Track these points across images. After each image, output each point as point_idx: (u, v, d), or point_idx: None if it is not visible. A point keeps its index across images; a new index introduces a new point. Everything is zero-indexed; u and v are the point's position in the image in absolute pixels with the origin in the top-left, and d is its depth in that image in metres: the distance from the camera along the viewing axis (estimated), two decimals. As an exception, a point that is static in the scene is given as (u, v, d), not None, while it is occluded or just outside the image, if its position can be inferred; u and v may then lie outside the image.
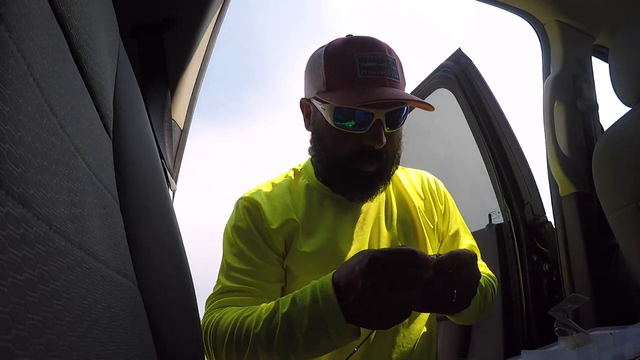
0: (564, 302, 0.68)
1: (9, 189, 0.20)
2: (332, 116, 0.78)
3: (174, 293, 0.49)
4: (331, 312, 0.61)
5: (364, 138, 0.77)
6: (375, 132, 0.76)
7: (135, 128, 0.51)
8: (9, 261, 0.19)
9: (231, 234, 0.85)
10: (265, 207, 0.85)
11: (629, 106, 0.98)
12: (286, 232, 0.83)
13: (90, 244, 0.30)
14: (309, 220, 0.85)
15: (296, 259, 0.83)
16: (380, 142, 0.76)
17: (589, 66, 1.33)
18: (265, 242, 0.83)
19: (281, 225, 0.83)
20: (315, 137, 0.86)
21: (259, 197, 0.86)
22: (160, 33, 0.98)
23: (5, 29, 0.22)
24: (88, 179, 0.34)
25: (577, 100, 1.29)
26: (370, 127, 0.76)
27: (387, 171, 0.84)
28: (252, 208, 0.85)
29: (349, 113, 0.76)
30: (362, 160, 0.79)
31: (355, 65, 0.76)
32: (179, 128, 1.12)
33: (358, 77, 0.75)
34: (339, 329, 0.61)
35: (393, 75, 0.77)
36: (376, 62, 0.76)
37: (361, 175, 0.81)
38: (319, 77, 0.80)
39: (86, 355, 0.25)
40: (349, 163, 0.80)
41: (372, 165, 0.80)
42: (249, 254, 0.82)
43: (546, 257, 1.32)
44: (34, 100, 0.25)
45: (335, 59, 0.78)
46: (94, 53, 0.38)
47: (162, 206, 0.53)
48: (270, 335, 0.66)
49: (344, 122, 0.77)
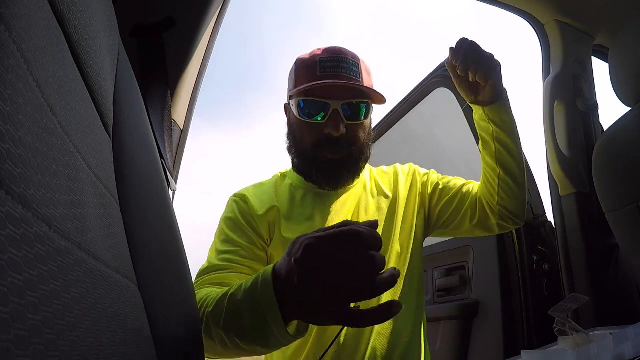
0: (564, 302, 0.68)
1: (9, 189, 0.20)
2: (297, 109, 0.89)
3: (174, 293, 0.49)
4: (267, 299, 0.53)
5: (324, 127, 0.87)
6: (333, 120, 0.86)
7: (135, 128, 0.51)
8: (9, 261, 0.19)
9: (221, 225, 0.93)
10: (252, 199, 0.94)
11: (629, 106, 0.98)
12: (271, 218, 0.92)
13: (90, 244, 0.30)
14: (290, 210, 0.93)
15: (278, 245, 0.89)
16: (337, 129, 0.86)
17: (589, 66, 1.33)
18: (251, 229, 0.90)
19: (266, 212, 0.92)
20: (289, 132, 0.97)
21: (247, 192, 0.97)
22: (160, 33, 0.98)
23: (5, 29, 0.22)
24: (88, 179, 0.34)
25: (577, 100, 1.29)
26: (328, 116, 0.87)
27: (353, 160, 0.92)
28: (241, 201, 0.95)
29: (312, 106, 0.88)
30: (324, 148, 0.89)
31: (317, 66, 0.88)
32: (179, 128, 1.12)
33: (317, 74, 0.87)
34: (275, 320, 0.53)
35: (352, 73, 0.87)
36: (335, 62, 0.88)
37: (326, 162, 0.90)
38: (291, 81, 0.94)
39: (86, 355, 0.25)
40: (315, 151, 0.90)
41: (335, 153, 0.89)
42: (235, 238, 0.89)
43: (546, 257, 1.32)
44: (34, 100, 0.25)
45: (302, 64, 0.92)
46: (94, 53, 0.38)
47: (162, 206, 0.53)
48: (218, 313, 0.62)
49: (308, 114, 0.89)
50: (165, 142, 0.98)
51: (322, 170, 0.91)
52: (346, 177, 0.93)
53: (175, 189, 1.09)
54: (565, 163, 1.26)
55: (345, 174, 0.92)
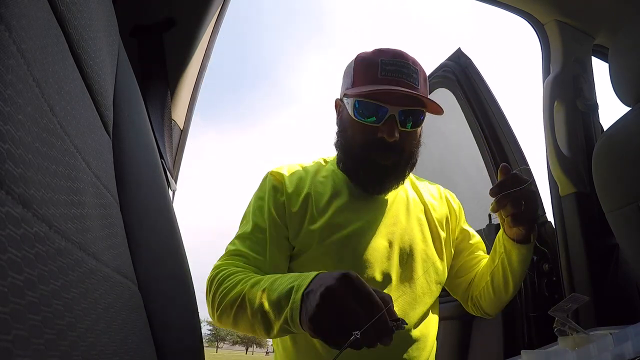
0: (564, 302, 0.68)
1: (9, 189, 0.20)
2: (353, 109, 0.88)
3: (174, 293, 0.49)
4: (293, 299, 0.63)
5: (378, 131, 0.86)
6: (389, 126, 0.85)
7: (135, 128, 0.51)
8: (8, 261, 0.19)
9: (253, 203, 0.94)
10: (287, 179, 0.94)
11: (629, 106, 0.98)
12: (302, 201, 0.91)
13: (90, 244, 0.30)
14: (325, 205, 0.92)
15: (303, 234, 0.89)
16: (392, 135, 0.85)
17: (589, 66, 1.33)
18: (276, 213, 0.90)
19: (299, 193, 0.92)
20: (340, 130, 0.96)
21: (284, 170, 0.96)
22: (160, 33, 0.98)
23: (5, 29, 0.22)
24: (88, 179, 0.34)
25: (577, 100, 1.29)
26: (384, 121, 0.86)
27: (402, 168, 0.92)
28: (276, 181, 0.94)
29: (369, 108, 0.86)
30: (376, 152, 0.88)
31: (378, 67, 0.86)
32: (179, 128, 1.12)
33: (379, 77, 0.86)
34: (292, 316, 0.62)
35: (412, 81, 0.86)
36: (397, 67, 0.86)
37: (376, 166, 0.89)
38: (348, 78, 0.92)
39: (86, 355, 0.25)
40: (365, 153, 0.89)
41: (387, 158, 0.88)
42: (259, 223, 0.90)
43: (546, 257, 1.32)
44: (34, 100, 0.25)
45: (362, 63, 0.90)
46: (93, 53, 0.38)
47: (162, 206, 0.53)
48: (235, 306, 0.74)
49: (364, 116, 0.87)
50: (165, 142, 0.98)
51: (369, 174, 0.91)
52: (392, 182, 0.93)
53: (175, 189, 1.09)
54: (565, 163, 1.26)
55: (392, 179, 0.92)
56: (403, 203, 0.98)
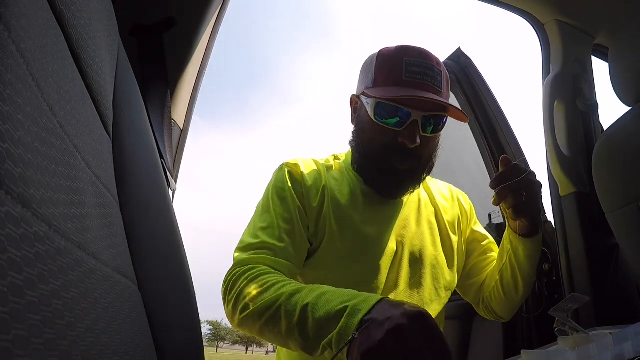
0: (564, 302, 0.68)
1: (9, 188, 0.20)
2: (373, 111, 0.83)
3: (174, 293, 0.49)
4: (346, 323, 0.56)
5: (400, 135, 0.82)
6: (411, 131, 0.81)
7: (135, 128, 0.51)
8: (8, 261, 0.19)
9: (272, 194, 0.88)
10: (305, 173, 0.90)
11: (629, 106, 0.98)
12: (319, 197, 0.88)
13: (90, 244, 0.30)
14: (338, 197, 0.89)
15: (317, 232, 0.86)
16: (414, 141, 0.81)
17: (589, 66, 1.33)
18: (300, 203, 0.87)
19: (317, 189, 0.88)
20: (358, 129, 0.91)
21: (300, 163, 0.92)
22: (160, 33, 0.98)
23: (4, 29, 0.22)
24: (88, 179, 0.34)
25: (577, 100, 1.28)
26: (406, 125, 0.82)
27: (419, 173, 0.89)
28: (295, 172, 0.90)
29: (390, 110, 0.82)
30: (395, 156, 0.84)
31: (402, 67, 0.82)
32: (179, 128, 1.12)
33: (403, 78, 0.81)
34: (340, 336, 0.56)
35: (437, 84, 0.82)
36: (422, 68, 0.82)
37: (393, 171, 0.86)
38: (369, 75, 0.87)
39: (86, 355, 0.25)
40: (383, 157, 0.85)
41: (405, 163, 0.85)
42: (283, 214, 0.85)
43: (546, 257, 1.32)
44: (34, 100, 0.25)
45: (385, 60, 0.85)
46: (93, 53, 0.38)
47: (162, 206, 0.53)
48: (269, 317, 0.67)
49: (384, 118, 0.83)
50: (165, 142, 0.98)
51: (386, 178, 0.88)
52: (408, 188, 0.90)
53: (175, 189, 1.09)
54: (565, 163, 1.25)
55: (408, 184, 0.89)
56: (414, 206, 0.96)
